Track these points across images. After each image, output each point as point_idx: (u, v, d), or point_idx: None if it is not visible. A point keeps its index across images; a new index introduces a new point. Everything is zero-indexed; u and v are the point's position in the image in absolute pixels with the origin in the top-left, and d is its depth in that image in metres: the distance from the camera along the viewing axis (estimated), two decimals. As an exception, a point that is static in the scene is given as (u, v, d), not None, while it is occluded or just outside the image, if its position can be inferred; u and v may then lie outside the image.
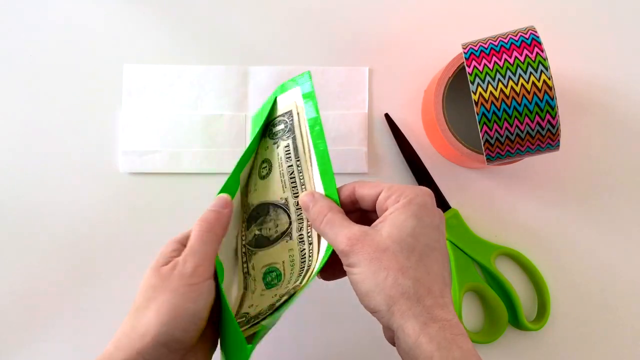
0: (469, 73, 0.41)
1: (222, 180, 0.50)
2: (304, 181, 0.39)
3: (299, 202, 0.38)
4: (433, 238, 0.34)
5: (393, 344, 0.34)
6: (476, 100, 0.41)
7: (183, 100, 0.51)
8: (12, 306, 0.49)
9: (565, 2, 0.53)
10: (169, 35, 0.52)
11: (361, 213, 0.38)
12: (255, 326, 0.35)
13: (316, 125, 0.39)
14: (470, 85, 0.41)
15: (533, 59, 0.40)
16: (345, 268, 0.34)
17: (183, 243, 0.36)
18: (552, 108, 0.40)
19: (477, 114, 0.41)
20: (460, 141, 0.46)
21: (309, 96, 0.40)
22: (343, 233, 0.34)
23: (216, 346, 0.37)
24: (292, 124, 0.40)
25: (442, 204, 0.50)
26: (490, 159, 0.43)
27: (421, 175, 0.50)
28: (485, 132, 0.42)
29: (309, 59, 0.52)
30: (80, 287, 0.50)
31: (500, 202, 0.51)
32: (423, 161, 0.51)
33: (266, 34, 0.52)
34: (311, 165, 0.39)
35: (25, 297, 0.49)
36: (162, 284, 0.33)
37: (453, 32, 0.51)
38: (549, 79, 0.40)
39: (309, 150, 0.39)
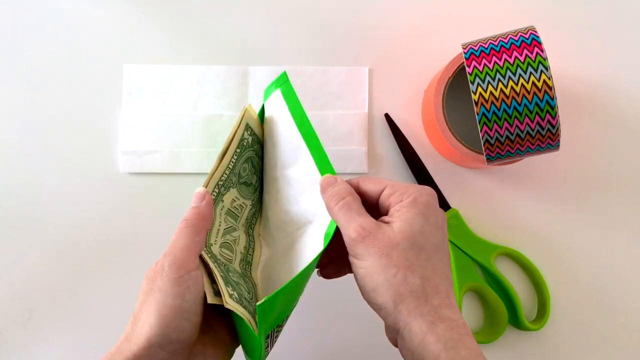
0: (469, 73, 0.41)
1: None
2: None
3: (320, 182, 0.37)
4: (439, 238, 0.33)
5: (395, 344, 0.33)
6: (476, 100, 0.41)
7: (183, 100, 0.51)
8: (12, 306, 0.49)
9: (565, 2, 0.53)
10: (169, 35, 0.52)
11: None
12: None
13: (303, 120, 0.39)
14: (470, 85, 0.41)
15: (533, 59, 0.40)
16: (350, 259, 0.34)
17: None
18: (552, 108, 0.40)
19: (477, 114, 0.41)
20: (460, 141, 0.46)
21: (289, 95, 0.40)
22: (357, 221, 0.33)
23: (232, 354, 0.37)
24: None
25: (442, 204, 0.50)
26: (490, 159, 0.43)
27: (421, 175, 0.50)
28: (485, 132, 0.42)
29: (309, 59, 0.52)
30: (80, 287, 0.50)
31: (500, 202, 0.51)
32: (423, 161, 0.51)
33: (266, 34, 0.52)
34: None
35: (25, 297, 0.49)
36: (149, 285, 0.33)
37: (453, 32, 0.51)
38: (549, 79, 0.40)
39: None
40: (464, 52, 0.42)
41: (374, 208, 0.36)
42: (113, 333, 0.49)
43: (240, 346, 0.37)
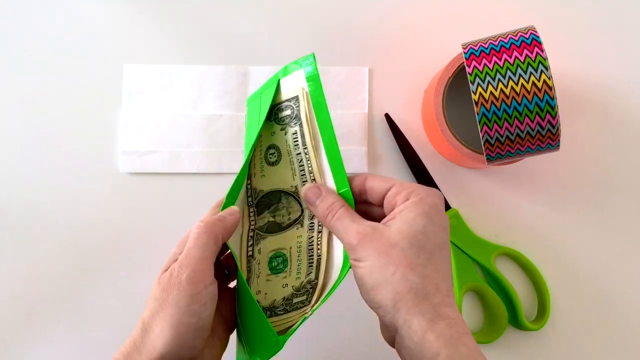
0: (469, 73, 0.41)
1: (221, 180, 0.50)
2: (312, 169, 0.38)
3: (302, 195, 0.37)
4: (442, 239, 0.33)
5: (392, 344, 0.33)
6: (476, 100, 0.41)
7: (183, 100, 0.51)
8: (12, 306, 0.49)
9: (565, 2, 0.53)
10: (169, 35, 0.52)
11: (366, 206, 0.37)
12: (282, 319, 0.36)
13: (322, 110, 0.37)
14: (470, 85, 0.41)
15: (533, 59, 0.40)
16: (351, 262, 0.34)
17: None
18: (552, 108, 0.40)
19: (477, 114, 0.41)
20: (460, 141, 0.46)
21: (313, 79, 0.38)
22: (353, 228, 0.33)
23: (227, 344, 0.37)
24: (299, 110, 0.39)
25: (442, 204, 0.50)
26: (490, 159, 0.43)
27: (421, 175, 0.50)
28: (485, 132, 0.42)
29: (309, 59, 0.52)
30: (80, 287, 0.50)
31: (500, 202, 0.51)
32: (423, 161, 0.51)
33: (266, 34, 0.52)
34: (318, 153, 0.38)
35: (25, 297, 0.49)
36: (163, 295, 0.32)
37: (453, 32, 0.51)
38: (549, 79, 0.40)
39: (315, 138, 0.38)
40: (464, 52, 0.42)
41: (377, 207, 0.36)
42: (113, 333, 0.49)
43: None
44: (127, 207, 0.51)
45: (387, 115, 0.51)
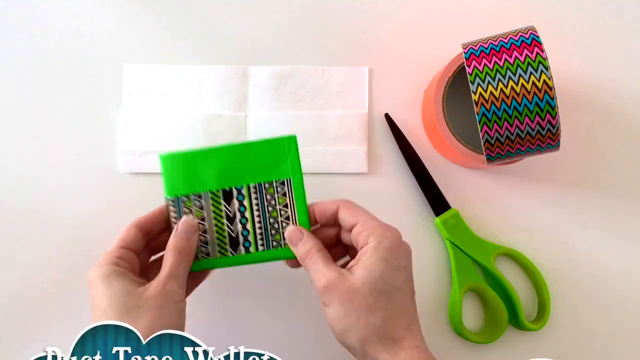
0: (469, 73, 0.41)
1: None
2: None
3: (285, 236, 0.41)
4: (399, 279, 0.37)
5: None
6: (476, 100, 0.41)
7: (183, 100, 0.51)
8: (11, 306, 0.49)
9: (565, 2, 0.53)
10: (169, 35, 0.52)
11: (338, 230, 0.42)
12: None
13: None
14: (470, 85, 0.41)
15: (533, 59, 0.40)
16: (320, 305, 0.38)
17: (130, 247, 0.41)
18: (552, 108, 0.40)
19: (477, 114, 0.41)
20: (460, 141, 0.46)
21: None
22: (322, 273, 0.37)
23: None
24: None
25: (442, 204, 0.50)
26: (490, 159, 0.43)
27: (421, 175, 0.50)
28: (485, 132, 0.42)
29: (309, 59, 0.52)
30: (80, 287, 0.50)
31: (500, 202, 0.51)
32: (423, 161, 0.51)
33: (266, 34, 0.52)
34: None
35: (24, 297, 0.49)
36: (147, 303, 0.37)
37: (453, 32, 0.51)
38: (549, 79, 0.40)
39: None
40: (464, 52, 0.42)
41: (348, 234, 0.41)
42: (113, 333, 0.49)
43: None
44: (127, 207, 0.51)
45: (387, 115, 0.51)
